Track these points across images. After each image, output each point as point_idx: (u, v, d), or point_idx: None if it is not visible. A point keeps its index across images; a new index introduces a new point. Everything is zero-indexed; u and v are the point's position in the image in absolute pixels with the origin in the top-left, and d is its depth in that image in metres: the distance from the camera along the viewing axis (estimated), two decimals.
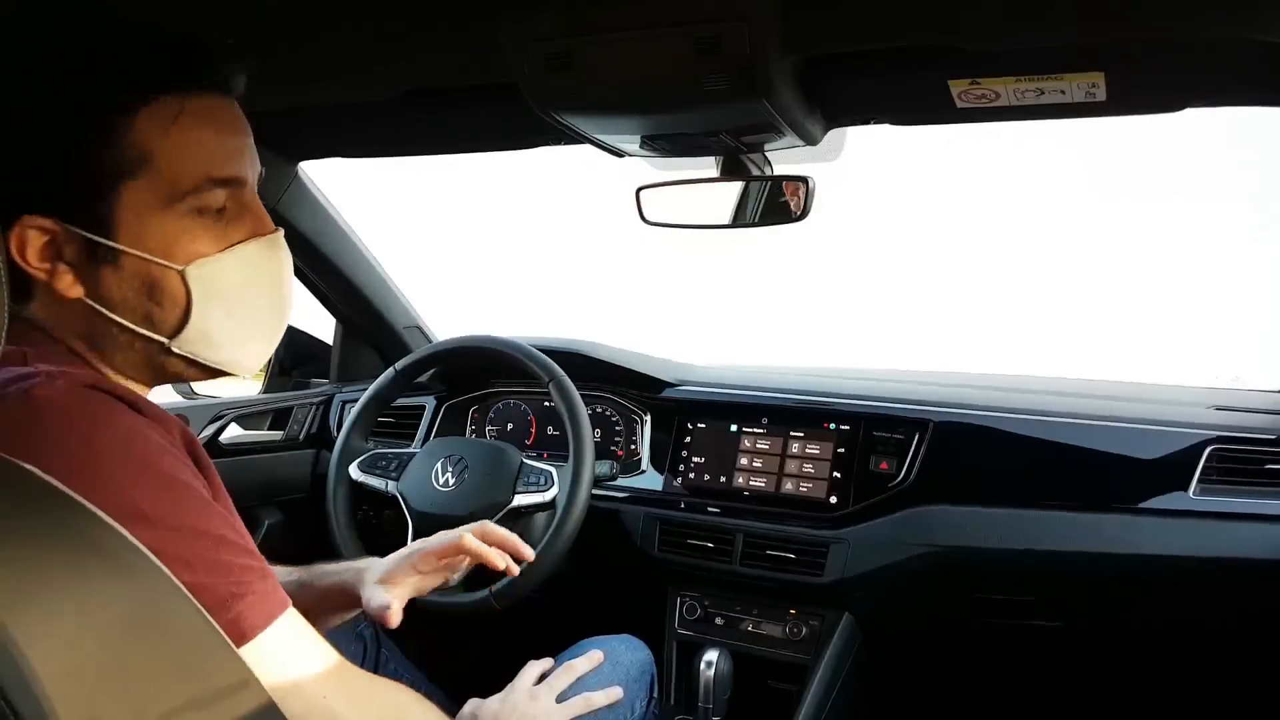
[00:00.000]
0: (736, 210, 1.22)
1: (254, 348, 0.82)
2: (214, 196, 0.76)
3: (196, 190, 0.74)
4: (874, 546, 1.41)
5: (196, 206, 0.75)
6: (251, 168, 0.80)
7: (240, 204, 0.78)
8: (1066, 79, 0.94)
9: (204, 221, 0.76)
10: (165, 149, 0.73)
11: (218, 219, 0.77)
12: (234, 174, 0.77)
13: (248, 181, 0.79)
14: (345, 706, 0.74)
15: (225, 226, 0.77)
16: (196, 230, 0.75)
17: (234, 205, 0.78)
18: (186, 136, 0.74)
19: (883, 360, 1.94)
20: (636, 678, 1.15)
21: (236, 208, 0.78)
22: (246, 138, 0.80)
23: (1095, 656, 1.53)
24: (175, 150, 0.73)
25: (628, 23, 0.88)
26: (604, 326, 1.99)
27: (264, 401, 1.86)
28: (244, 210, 0.79)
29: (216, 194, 0.76)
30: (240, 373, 0.84)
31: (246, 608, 0.68)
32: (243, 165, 0.78)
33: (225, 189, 0.76)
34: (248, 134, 0.80)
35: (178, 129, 0.73)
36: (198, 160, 0.74)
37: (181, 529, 0.66)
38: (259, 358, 0.83)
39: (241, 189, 0.78)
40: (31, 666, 0.46)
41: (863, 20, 0.87)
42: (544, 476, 1.41)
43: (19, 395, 0.66)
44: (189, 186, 0.74)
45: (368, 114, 1.29)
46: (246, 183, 0.79)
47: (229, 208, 0.77)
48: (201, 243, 0.75)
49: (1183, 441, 1.33)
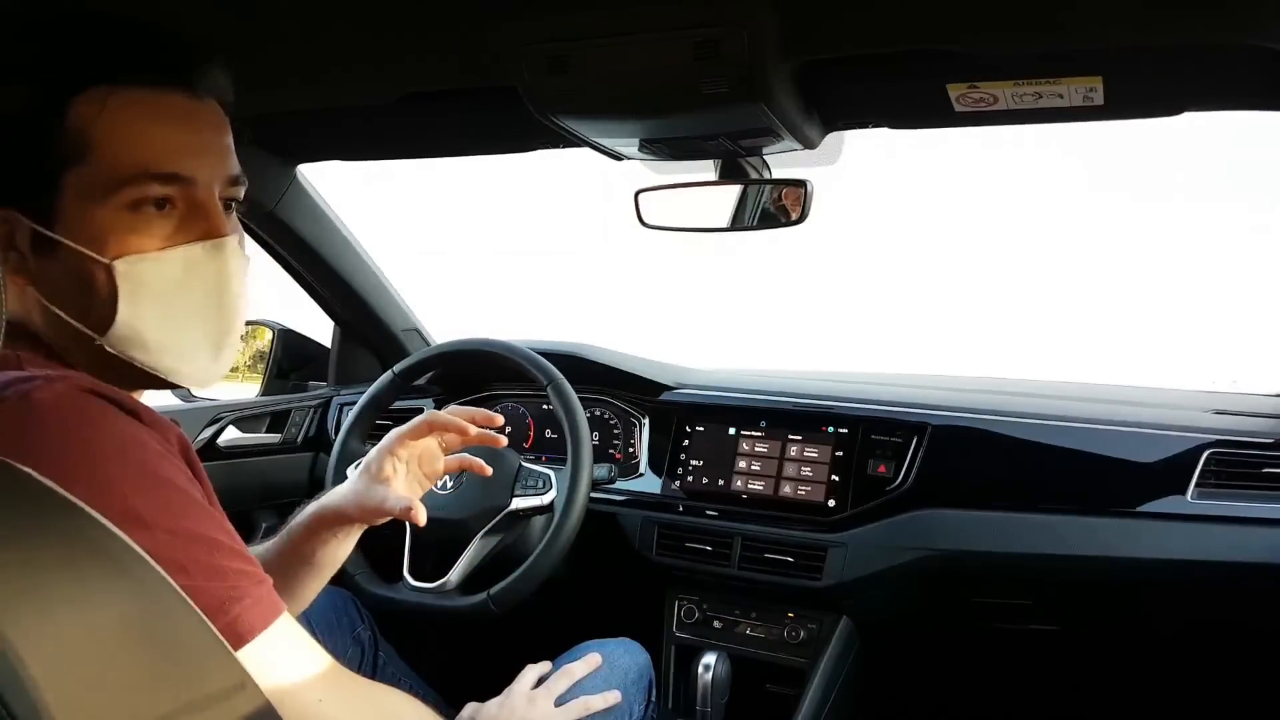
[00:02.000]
0: (735, 214, 1.23)
1: (196, 358, 0.77)
2: (151, 190, 0.72)
3: (132, 182, 0.71)
4: (872, 550, 1.41)
5: (133, 200, 0.72)
6: (210, 167, 0.75)
7: (192, 204, 0.74)
8: (1065, 83, 0.94)
9: (142, 216, 0.72)
10: (104, 138, 0.71)
11: (162, 216, 0.73)
12: (175, 170, 0.73)
13: (197, 180, 0.74)
14: (341, 711, 0.74)
15: (172, 225, 0.74)
16: (133, 225, 0.72)
17: (185, 205, 0.74)
18: (127, 128, 0.72)
19: (881, 364, 1.94)
20: (634, 681, 1.15)
21: (187, 207, 0.74)
22: (204, 135, 0.76)
23: (1093, 660, 1.53)
24: (112, 140, 0.71)
25: (627, 27, 0.88)
26: (602, 330, 1.98)
27: (262, 404, 1.86)
28: (196, 211, 0.74)
29: (154, 188, 0.72)
30: (186, 384, 0.79)
31: (243, 610, 0.68)
32: (192, 163, 0.74)
33: (167, 185, 0.73)
34: (210, 132, 0.76)
35: (119, 119, 0.71)
36: (135, 152, 0.72)
37: (178, 533, 0.66)
38: (204, 371, 0.79)
39: (192, 187, 0.74)
40: (28, 669, 0.46)
41: (861, 25, 0.87)
42: (542, 479, 1.41)
43: (18, 398, 0.65)
44: (124, 178, 0.71)
45: (366, 117, 1.29)
46: (195, 181, 0.74)
47: (180, 207, 0.74)
48: (138, 238, 0.72)
49: (1181, 445, 1.33)
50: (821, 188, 1.16)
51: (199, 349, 0.77)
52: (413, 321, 1.95)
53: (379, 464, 1.03)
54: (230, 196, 0.79)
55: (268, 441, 1.82)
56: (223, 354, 0.79)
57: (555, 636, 1.22)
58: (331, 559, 1.05)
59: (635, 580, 1.60)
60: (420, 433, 1.05)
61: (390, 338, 1.92)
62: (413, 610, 1.36)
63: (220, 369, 0.80)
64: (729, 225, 1.23)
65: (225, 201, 0.78)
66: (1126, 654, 1.53)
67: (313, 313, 1.91)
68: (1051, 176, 4.39)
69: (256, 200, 1.58)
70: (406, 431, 1.05)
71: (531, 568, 1.32)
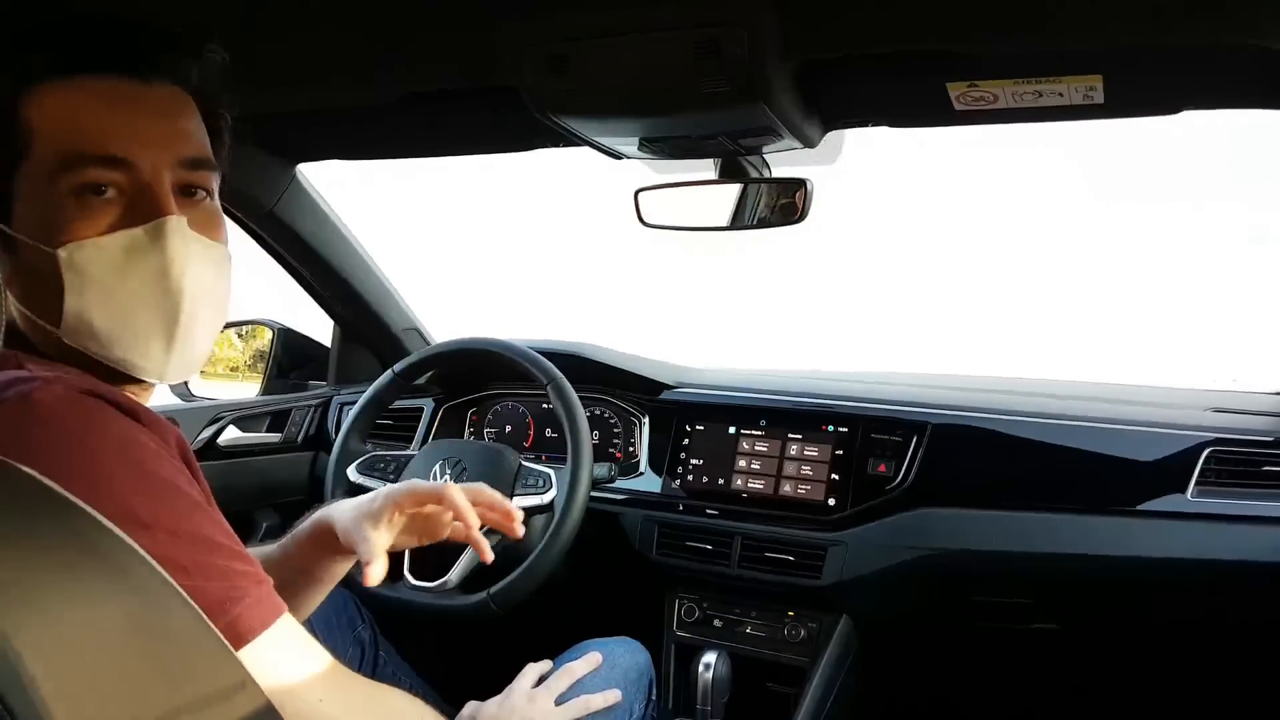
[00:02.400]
0: (735, 213, 1.22)
1: (148, 350, 0.75)
2: (89, 174, 0.71)
3: (70, 167, 0.70)
4: (872, 549, 1.41)
5: (74, 185, 0.71)
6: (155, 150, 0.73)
7: (137, 189, 0.72)
8: (1065, 81, 0.94)
9: (84, 203, 0.71)
10: (43, 127, 0.71)
11: (105, 202, 0.72)
12: (112, 152, 0.71)
13: (139, 164, 0.72)
14: (341, 711, 0.74)
15: (116, 212, 0.72)
16: (76, 212, 0.71)
17: (130, 190, 0.72)
18: (66, 113, 0.71)
19: (881, 363, 1.94)
20: (635, 680, 1.15)
21: (133, 193, 0.72)
22: (146, 118, 0.73)
23: (1093, 659, 1.53)
24: (51, 127, 0.71)
25: (627, 26, 0.88)
26: (602, 329, 1.98)
27: (262, 403, 1.86)
28: (141, 196, 0.72)
29: (91, 172, 0.71)
30: (147, 378, 0.76)
31: (243, 610, 0.68)
32: (132, 146, 0.72)
33: (106, 169, 0.71)
34: (157, 115, 0.74)
35: (58, 106, 0.71)
36: (72, 136, 0.71)
37: (178, 534, 0.66)
38: (160, 363, 0.76)
39: (135, 171, 0.72)
40: (28, 668, 0.46)
41: (861, 24, 0.87)
42: (542, 479, 1.41)
43: (17, 399, 0.66)
44: (62, 163, 0.70)
45: (366, 117, 1.29)
46: (136, 165, 0.72)
47: (123, 192, 0.72)
48: (80, 225, 0.71)
49: (1181, 444, 1.33)
50: (821, 187, 1.16)
51: (149, 339, 0.74)
52: (412, 321, 1.95)
53: (380, 509, 0.98)
54: (190, 182, 0.76)
55: (268, 441, 1.82)
56: (178, 345, 0.75)
57: (555, 636, 1.22)
58: (329, 575, 1.04)
59: (635, 579, 1.60)
60: (428, 499, 0.99)
61: (390, 337, 1.92)
62: (413, 609, 1.36)
63: (182, 361, 0.77)
64: (728, 224, 1.23)
65: (187, 187, 0.76)
66: (1126, 653, 1.53)
67: (313, 311, 1.92)
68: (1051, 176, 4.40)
69: (256, 200, 1.58)
70: (421, 493, 0.99)
71: (532, 567, 1.32)
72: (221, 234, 0.80)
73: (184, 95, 0.77)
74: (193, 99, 0.78)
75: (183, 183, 0.76)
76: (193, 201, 0.77)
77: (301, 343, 2.02)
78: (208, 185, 0.78)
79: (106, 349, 0.74)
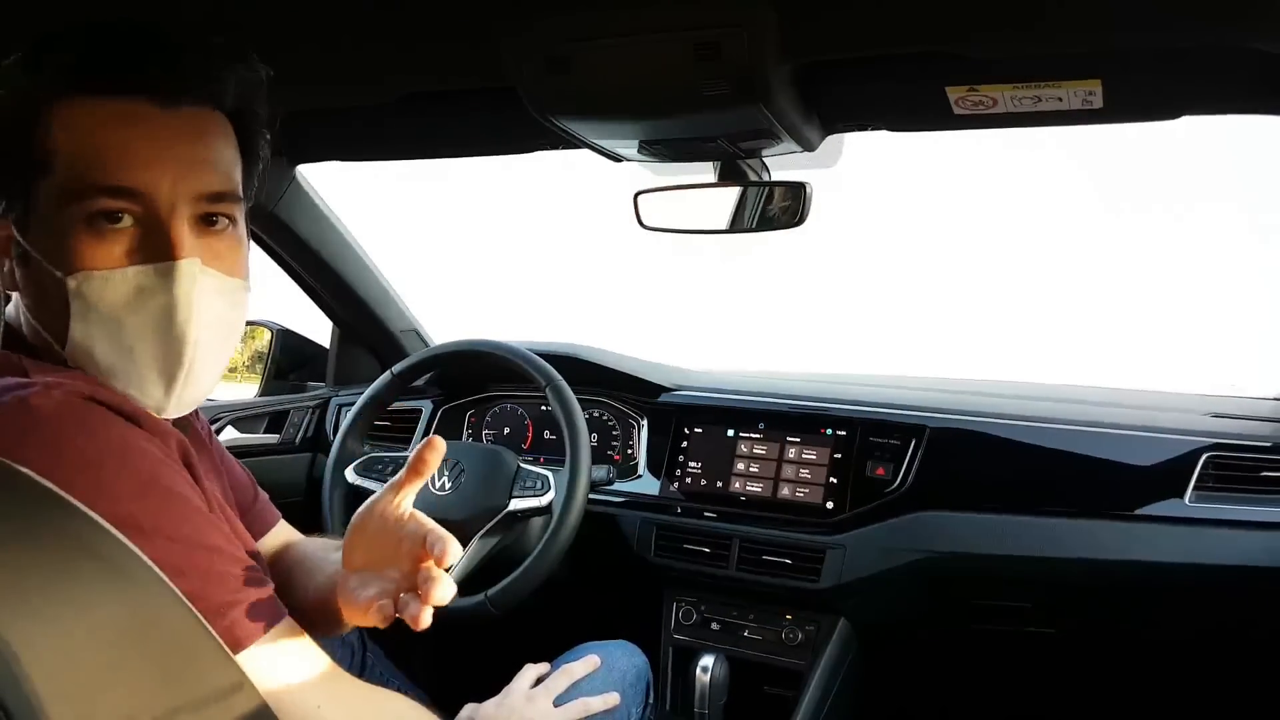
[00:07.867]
0: (734, 215, 1.23)
1: (146, 388, 0.73)
2: (100, 204, 0.69)
3: (83, 196, 0.69)
4: (870, 552, 1.41)
5: (87, 213, 0.69)
6: (171, 181, 0.70)
7: (151, 220, 0.70)
8: (1064, 86, 0.94)
9: (97, 231, 0.69)
10: (63, 148, 0.69)
11: (117, 232, 0.70)
12: (124, 183, 0.69)
13: (154, 195, 0.70)
14: (340, 716, 0.74)
15: (128, 242, 0.70)
16: (88, 240, 0.69)
17: (144, 221, 0.70)
18: (84, 137, 0.69)
19: (879, 366, 1.94)
20: (633, 683, 1.15)
21: (148, 224, 0.70)
22: (165, 146, 0.70)
23: (1091, 663, 1.53)
24: (70, 150, 0.69)
25: (627, 28, 0.88)
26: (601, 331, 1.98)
27: (260, 404, 1.86)
28: (154, 228, 0.70)
29: (103, 202, 0.69)
30: (146, 409, 0.73)
31: (241, 615, 0.67)
32: (146, 176, 0.69)
33: (118, 199, 0.69)
34: (176, 143, 0.71)
35: (79, 128, 0.69)
36: (88, 163, 0.69)
37: (177, 539, 0.66)
38: (159, 401, 0.73)
39: (149, 202, 0.70)
40: (25, 669, 0.46)
41: (861, 27, 0.87)
42: (541, 481, 1.41)
43: (16, 404, 0.65)
44: (77, 190, 0.69)
45: (366, 117, 1.29)
46: (151, 196, 0.70)
47: (137, 223, 0.70)
48: (91, 254, 0.69)
49: (1179, 448, 1.33)
50: (820, 190, 1.17)
51: (148, 379, 0.73)
52: (411, 322, 1.95)
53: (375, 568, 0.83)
54: (213, 212, 0.74)
55: (266, 442, 1.82)
56: (179, 386, 0.73)
57: (553, 638, 1.22)
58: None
59: (633, 582, 1.59)
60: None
61: (389, 338, 1.92)
62: None
63: (182, 401, 0.75)
64: (728, 227, 1.23)
65: (208, 217, 0.73)
66: (1124, 657, 1.53)
67: (311, 313, 1.92)
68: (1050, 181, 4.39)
69: (256, 200, 1.58)
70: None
71: (530, 569, 1.32)
72: (241, 266, 0.77)
73: (215, 117, 0.75)
74: (228, 119, 0.76)
75: (207, 213, 0.73)
76: (213, 231, 0.74)
77: (300, 344, 2.02)
78: (231, 214, 0.76)
79: (108, 378, 0.73)
